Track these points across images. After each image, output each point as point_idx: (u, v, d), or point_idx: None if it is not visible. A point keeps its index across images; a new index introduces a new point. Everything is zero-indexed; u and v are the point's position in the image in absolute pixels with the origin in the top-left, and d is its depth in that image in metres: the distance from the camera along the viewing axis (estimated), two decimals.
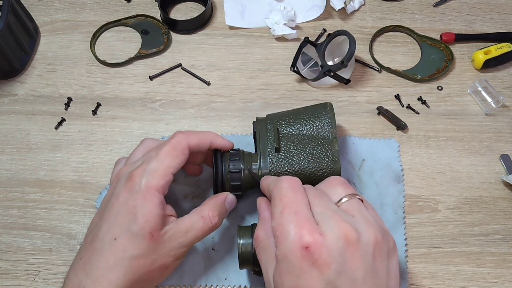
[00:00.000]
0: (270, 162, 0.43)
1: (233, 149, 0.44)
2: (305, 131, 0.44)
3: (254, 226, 0.41)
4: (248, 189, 0.43)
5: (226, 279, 0.45)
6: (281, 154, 0.43)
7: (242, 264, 0.40)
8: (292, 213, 0.33)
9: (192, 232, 0.39)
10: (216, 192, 0.43)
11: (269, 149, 0.43)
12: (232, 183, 0.42)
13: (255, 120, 0.48)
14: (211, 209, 0.40)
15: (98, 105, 0.56)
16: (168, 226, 0.39)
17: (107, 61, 0.59)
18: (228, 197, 0.42)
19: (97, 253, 0.37)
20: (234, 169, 0.42)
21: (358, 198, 0.36)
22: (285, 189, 0.35)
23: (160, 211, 0.38)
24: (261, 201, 0.39)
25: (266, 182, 0.39)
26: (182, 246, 0.39)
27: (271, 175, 0.42)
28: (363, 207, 0.35)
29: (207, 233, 0.40)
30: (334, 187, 0.36)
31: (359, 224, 0.33)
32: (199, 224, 0.40)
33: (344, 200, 0.35)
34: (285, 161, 0.43)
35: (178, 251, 0.39)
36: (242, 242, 0.40)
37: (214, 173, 0.42)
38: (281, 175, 0.42)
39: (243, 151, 0.44)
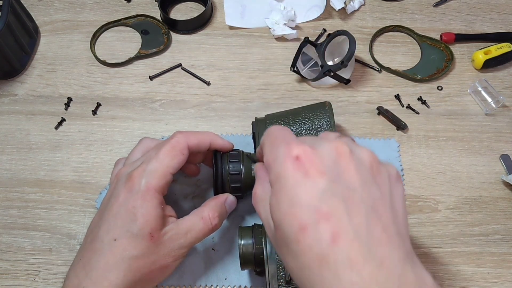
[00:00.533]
0: None
1: (233, 150, 0.44)
2: (304, 131, 0.44)
3: (255, 226, 0.41)
4: (248, 190, 0.43)
5: (226, 279, 0.45)
6: None
7: (243, 265, 0.40)
8: (281, 141, 0.31)
9: (192, 233, 0.39)
10: (216, 193, 0.43)
11: None
12: (232, 184, 0.42)
13: (254, 120, 0.48)
14: (211, 210, 0.40)
15: (98, 105, 0.56)
16: (168, 227, 0.39)
17: (107, 61, 0.59)
18: (228, 198, 0.42)
19: (97, 253, 0.37)
20: (234, 170, 0.42)
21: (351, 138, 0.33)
22: (272, 130, 0.33)
23: (159, 212, 0.38)
24: (256, 165, 0.37)
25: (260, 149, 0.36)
26: (182, 247, 0.39)
27: None
28: (356, 143, 0.32)
29: (207, 234, 0.40)
30: (326, 134, 0.33)
31: (352, 146, 0.30)
32: (199, 225, 0.40)
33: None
34: None
35: (178, 251, 0.39)
36: (243, 242, 0.40)
37: (214, 174, 0.42)
38: None
39: (243, 152, 0.44)
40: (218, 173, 0.42)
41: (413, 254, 0.28)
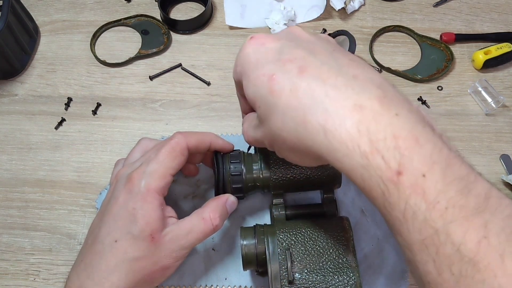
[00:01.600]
0: (271, 163, 0.43)
1: (233, 151, 0.44)
2: None
3: (256, 227, 0.41)
4: (249, 190, 0.43)
5: (226, 279, 0.45)
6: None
7: (245, 265, 0.40)
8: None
9: (193, 234, 0.39)
10: (217, 194, 0.43)
11: (269, 150, 0.43)
12: (233, 185, 0.42)
13: None
14: (212, 211, 0.40)
15: (98, 105, 0.56)
16: (169, 228, 0.38)
17: (107, 61, 0.59)
18: (229, 199, 0.42)
19: (98, 255, 0.37)
20: (235, 171, 0.42)
21: None
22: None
23: (160, 213, 0.38)
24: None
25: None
26: (183, 248, 0.39)
27: (272, 176, 0.42)
28: None
29: (208, 235, 0.40)
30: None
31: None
32: (200, 226, 0.39)
33: None
34: (285, 162, 0.43)
35: (179, 252, 0.39)
36: (245, 243, 0.40)
37: (216, 176, 0.42)
38: (281, 176, 0.42)
39: (244, 152, 0.44)
40: (219, 174, 0.42)
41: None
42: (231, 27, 0.62)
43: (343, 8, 0.63)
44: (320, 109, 0.26)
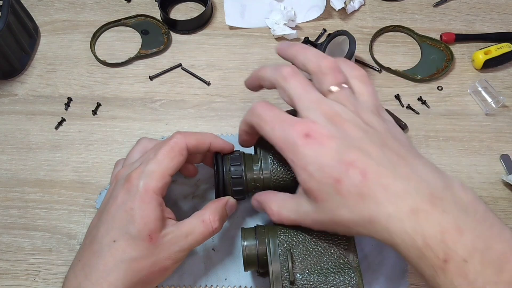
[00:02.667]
0: (271, 163, 0.43)
1: (233, 153, 0.44)
2: None
3: (257, 227, 0.41)
4: (250, 191, 0.43)
5: (226, 279, 0.45)
6: (281, 156, 0.43)
7: (247, 266, 0.40)
8: (281, 124, 0.36)
9: (193, 236, 0.39)
10: (217, 196, 0.43)
11: (269, 151, 0.43)
12: (234, 188, 0.42)
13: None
14: (212, 213, 0.40)
15: (98, 105, 0.56)
16: (168, 229, 0.38)
17: (107, 61, 0.59)
18: (229, 201, 0.42)
19: (96, 255, 0.37)
20: (236, 174, 0.42)
21: (345, 86, 0.38)
22: (259, 111, 0.38)
23: (158, 214, 0.38)
24: (255, 197, 0.42)
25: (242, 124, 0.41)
26: (182, 249, 0.39)
27: (272, 176, 0.42)
28: (353, 96, 0.37)
29: (207, 237, 0.40)
30: (323, 75, 0.38)
31: (334, 106, 0.36)
32: (200, 228, 0.39)
33: (333, 89, 0.37)
34: (286, 162, 0.43)
35: (178, 254, 0.39)
36: (246, 244, 0.40)
37: (216, 178, 0.42)
38: (282, 177, 0.42)
39: (244, 153, 0.44)
40: (219, 176, 0.42)
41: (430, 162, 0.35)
42: (231, 27, 0.62)
43: (343, 8, 0.63)
44: (384, 214, 0.32)
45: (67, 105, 0.56)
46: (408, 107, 0.56)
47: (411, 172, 0.33)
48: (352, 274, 0.37)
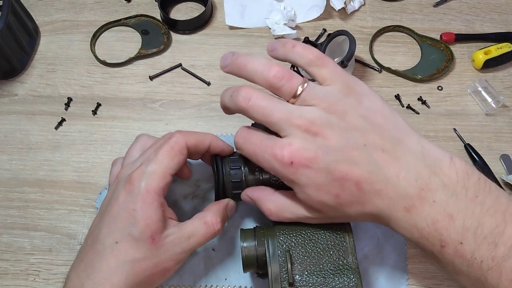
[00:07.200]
0: None
1: (233, 155, 0.44)
2: None
3: (256, 229, 0.41)
4: None
5: (226, 279, 0.45)
6: None
7: (246, 267, 0.40)
8: (263, 155, 0.36)
9: (195, 237, 0.39)
10: (217, 199, 0.43)
11: None
12: (233, 191, 0.42)
13: (253, 122, 0.47)
14: (214, 215, 0.40)
15: (98, 105, 0.56)
16: (170, 230, 0.39)
17: (107, 61, 0.59)
18: (229, 203, 0.43)
19: (99, 256, 0.37)
20: (236, 178, 0.42)
21: (306, 84, 0.36)
22: (244, 143, 0.38)
23: (160, 214, 0.38)
24: (246, 191, 0.42)
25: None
26: (184, 251, 0.39)
27: (272, 177, 0.42)
28: (318, 89, 0.37)
29: (210, 239, 0.40)
30: (278, 91, 0.37)
31: (316, 110, 0.36)
32: (202, 230, 0.40)
33: (299, 90, 0.36)
34: None
35: (180, 255, 0.39)
36: (245, 245, 0.40)
37: (216, 182, 0.42)
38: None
39: (244, 156, 0.44)
40: (219, 180, 0.42)
41: (419, 136, 0.36)
42: (231, 27, 0.62)
43: (343, 8, 0.63)
44: (385, 214, 0.35)
45: (67, 105, 0.56)
46: (408, 107, 0.56)
47: (398, 169, 0.34)
48: (351, 276, 0.37)
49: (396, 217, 0.35)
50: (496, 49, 0.57)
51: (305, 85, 0.36)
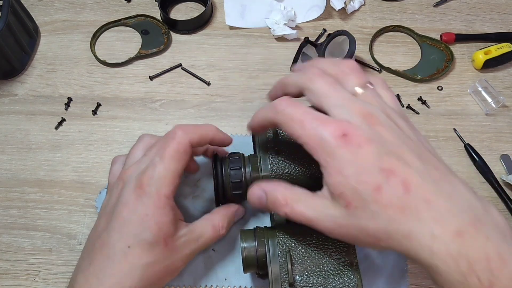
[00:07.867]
0: (270, 164, 0.42)
1: (233, 155, 0.44)
2: None
3: (256, 229, 0.41)
4: None
5: (226, 279, 0.45)
6: (281, 156, 0.43)
7: (246, 268, 0.40)
8: (312, 122, 0.33)
9: (203, 239, 0.40)
10: (217, 200, 0.43)
11: (269, 151, 0.43)
12: (233, 192, 0.42)
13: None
14: (222, 219, 0.41)
15: (98, 105, 0.56)
16: (181, 232, 0.39)
17: (107, 61, 0.59)
18: (239, 209, 0.44)
19: (110, 260, 0.37)
20: (235, 178, 0.42)
21: (371, 86, 0.36)
22: (288, 109, 0.35)
23: (172, 218, 0.38)
24: (254, 187, 0.38)
25: (258, 117, 0.38)
26: (192, 252, 0.40)
27: (272, 177, 0.42)
28: (380, 97, 0.35)
29: (213, 242, 0.41)
30: (346, 76, 0.36)
31: (369, 108, 0.33)
32: (209, 232, 0.41)
33: (358, 91, 0.35)
34: (285, 163, 0.43)
35: (189, 256, 0.40)
36: (245, 245, 0.40)
37: (215, 183, 0.42)
38: (282, 177, 0.42)
39: (243, 155, 0.44)
40: (219, 181, 0.42)
41: (463, 180, 0.33)
42: (231, 27, 0.62)
43: (343, 8, 0.63)
44: (428, 233, 0.30)
45: (67, 105, 0.56)
46: (408, 107, 0.56)
47: (453, 191, 0.31)
48: (352, 276, 0.37)
49: (443, 240, 0.29)
50: (496, 49, 0.57)
51: (370, 86, 0.35)
